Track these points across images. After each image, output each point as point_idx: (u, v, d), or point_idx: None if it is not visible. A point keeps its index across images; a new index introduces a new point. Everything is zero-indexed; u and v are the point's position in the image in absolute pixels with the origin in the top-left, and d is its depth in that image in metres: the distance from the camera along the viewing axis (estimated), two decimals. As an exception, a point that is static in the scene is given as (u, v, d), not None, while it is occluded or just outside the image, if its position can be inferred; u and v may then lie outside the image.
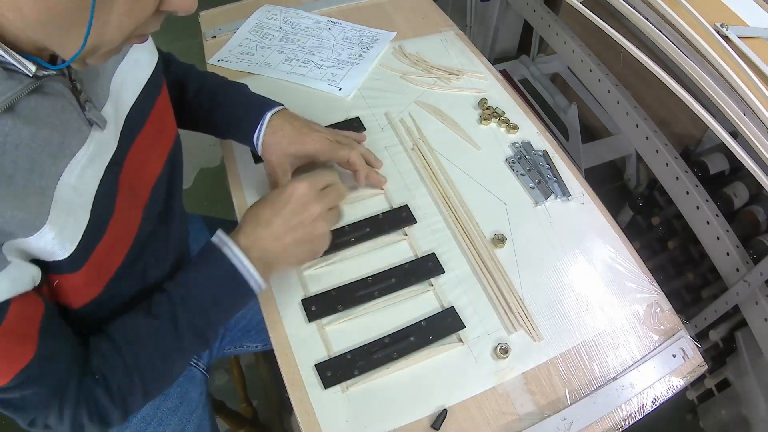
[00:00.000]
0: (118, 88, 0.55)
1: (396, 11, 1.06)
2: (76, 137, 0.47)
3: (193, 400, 0.78)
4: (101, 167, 0.50)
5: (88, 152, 0.48)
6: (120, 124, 0.54)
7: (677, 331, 0.66)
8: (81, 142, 0.48)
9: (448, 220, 0.74)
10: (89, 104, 0.49)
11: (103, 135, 0.50)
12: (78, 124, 0.47)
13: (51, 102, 0.44)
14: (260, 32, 1.00)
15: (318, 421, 0.57)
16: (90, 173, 0.48)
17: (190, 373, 0.80)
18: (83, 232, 0.47)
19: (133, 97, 0.57)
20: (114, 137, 0.53)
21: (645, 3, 0.99)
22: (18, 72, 0.41)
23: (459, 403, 0.59)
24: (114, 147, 0.52)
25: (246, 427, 1.19)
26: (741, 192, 1.14)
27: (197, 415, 0.77)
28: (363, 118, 0.86)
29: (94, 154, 0.49)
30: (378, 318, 0.65)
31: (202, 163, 1.90)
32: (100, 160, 0.50)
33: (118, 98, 0.54)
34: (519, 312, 0.65)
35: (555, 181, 0.79)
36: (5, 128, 0.40)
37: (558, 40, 1.31)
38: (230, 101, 0.73)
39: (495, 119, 0.86)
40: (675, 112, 1.45)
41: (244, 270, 0.56)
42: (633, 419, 0.60)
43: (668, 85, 0.89)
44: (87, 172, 0.48)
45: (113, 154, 0.52)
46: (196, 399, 0.78)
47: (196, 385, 0.79)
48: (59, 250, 0.45)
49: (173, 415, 0.75)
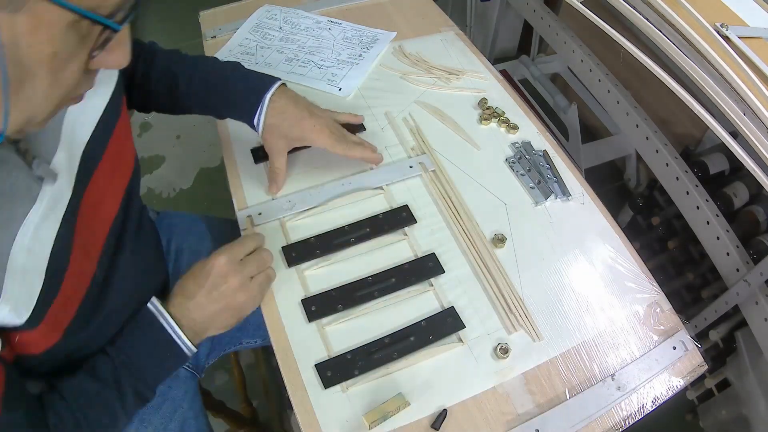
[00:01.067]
0: (71, 129, 0.53)
1: (396, 11, 1.06)
2: (25, 198, 0.46)
3: (176, 399, 0.78)
4: (56, 222, 0.50)
5: (40, 210, 0.47)
6: (75, 166, 0.53)
7: (677, 331, 0.66)
8: (32, 201, 0.47)
9: (448, 220, 0.74)
10: (37, 160, 0.48)
11: (54, 188, 0.49)
12: (27, 184, 0.47)
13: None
14: (260, 32, 1.00)
15: (318, 421, 0.57)
16: (44, 231, 0.48)
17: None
18: (37, 296, 0.47)
19: (89, 132, 0.56)
20: (68, 184, 0.52)
21: (645, 3, 0.99)
22: None
23: (459, 403, 0.59)
24: (69, 195, 0.52)
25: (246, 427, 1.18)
26: (741, 192, 1.14)
27: (181, 413, 0.77)
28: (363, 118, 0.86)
29: (48, 210, 0.48)
30: (378, 318, 0.65)
31: (202, 163, 1.90)
32: (54, 215, 0.49)
33: (71, 140, 0.53)
34: (519, 312, 0.65)
35: (555, 181, 0.79)
36: None
37: (558, 40, 1.31)
38: (226, 83, 0.72)
39: (495, 119, 0.86)
40: (675, 112, 1.45)
41: (177, 338, 0.59)
42: (633, 419, 0.60)
43: (668, 85, 0.89)
44: (41, 230, 0.47)
45: (68, 203, 0.51)
46: (180, 397, 0.79)
47: (180, 383, 0.80)
48: (15, 319, 0.46)
49: (155, 413, 0.75)
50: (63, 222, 0.50)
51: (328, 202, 0.74)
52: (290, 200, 0.75)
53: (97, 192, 0.57)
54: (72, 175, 0.53)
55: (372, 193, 0.76)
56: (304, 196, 0.75)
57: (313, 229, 0.72)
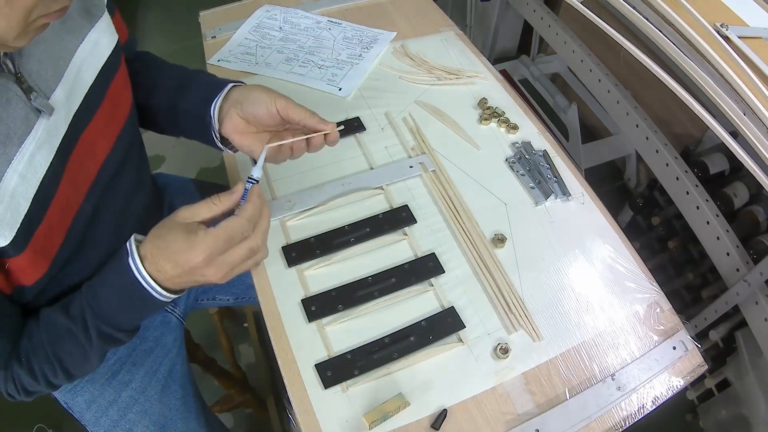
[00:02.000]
0: (77, 68, 0.57)
1: (396, 11, 1.06)
2: (22, 126, 0.49)
3: (167, 344, 0.82)
4: (50, 152, 0.52)
5: (35, 139, 0.50)
6: (74, 106, 0.56)
7: (677, 331, 0.66)
8: (28, 130, 0.50)
9: (448, 220, 0.74)
10: (35, 93, 0.50)
11: (50, 122, 0.52)
12: (25, 113, 0.49)
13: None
14: (260, 32, 1.00)
15: (318, 421, 0.57)
16: (39, 159, 0.51)
17: (165, 319, 0.84)
18: (21, 219, 0.50)
19: (91, 78, 0.59)
20: (65, 120, 0.55)
21: (645, 3, 0.99)
22: None
23: (459, 403, 0.59)
24: (64, 130, 0.54)
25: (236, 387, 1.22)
26: (741, 192, 1.14)
27: (170, 359, 0.81)
28: (363, 118, 0.86)
29: (43, 141, 0.51)
30: (378, 318, 0.65)
31: (203, 163, 1.90)
32: (48, 146, 0.52)
33: (75, 81, 0.56)
34: (519, 312, 0.65)
35: (555, 181, 0.79)
36: None
37: (558, 40, 1.31)
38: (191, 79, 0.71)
39: (495, 119, 0.86)
40: (675, 112, 1.45)
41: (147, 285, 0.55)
42: (633, 419, 0.60)
43: (668, 85, 0.89)
44: (36, 158, 0.50)
45: (63, 136, 0.54)
46: (171, 343, 0.82)
47: (171, 330, 0.83)
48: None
49: (147, 356, 0.79)
50: (57, 154, 0.53)
51: (328, 202, 0.74)
52: (290, 200, 0.75)
53: (93, 132, 0.59)
54: (70, 112, 0.56)
55: (372, 193, 0.76)
56: (304, 196, 0.75)
57: (313, 229, 0.72)
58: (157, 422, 0.77)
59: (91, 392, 0.76)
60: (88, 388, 0.76)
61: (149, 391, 0.78)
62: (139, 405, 0.77)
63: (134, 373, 0.77)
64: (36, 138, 0.50)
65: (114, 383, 0.76)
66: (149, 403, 0.77)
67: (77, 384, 0.76)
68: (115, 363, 0.77)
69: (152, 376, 0.78)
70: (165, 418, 0.78)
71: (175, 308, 0.87)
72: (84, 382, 0.76)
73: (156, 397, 0.78)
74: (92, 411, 0.76)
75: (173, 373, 0.81)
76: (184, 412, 0.80)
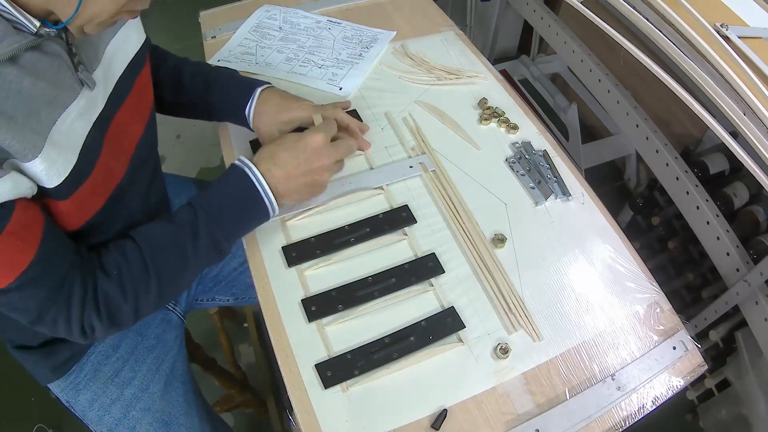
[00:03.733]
0: (110, 57, 0.62)
1: (396, 11, 1.06)
2: (69, 93, 0.54)
3: (168, 341, 0.83)
4: (89, 122, 0.57)
5: (78, 107, 0.55)
6: (109, 89, 0.62)
7: (677, 331, 0.66)
8: (73, 97, 0.54)
9: (448, 220, 0.74)
10: (82, 66, 0.56)
11: (92, 94, 0.58)
12: (71, 82, 0.54)
13: (49, 59, 0.51)
14: (260, 32, 1.00)
15: (318, 421, 0.57)
16: (79, 125, 0.55)
17: (167, 317, 0.85)
18: (70, 169, 0.54)
19: (121, 68, 0.64)
20: (102, 98, 0.60)
21: (645, 3, 0.99)
22: (23, 29, 0.48)
23: (459, 403, 0.59)
24: (101, 106, 0.60)
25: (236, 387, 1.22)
26: (741, 192, 1.14)
27: (172, 356, 0.82)
28: (363, 118, 0.86)
29: (84, 110, 0.56)
30: (378, 318, 0.65)
31: (202, 163, 1.90)
32: (88, 116, 0.57)
33: (109, 66, 0.62)
34: (519, 312, 0.65)
35: (555, 181, 0.79)
36: (10, 76, 0.47)
37: (558, 40, 1.31)
38: (223, 82, 0.80)
39: (495, 119, 0.86)
40: (675, 112, 1.45)
41: (262, 190, 0.64)
42: (633, 419, 0.60)
43: (668, 85, 0.89)
44: (76, 123, 0.55)
45: (100, 112, 0.59)
46: (172, 341, 0.84)
47: (172, 327, 0.85)
48: (47, 180, 0.52)
49: (150, 353, 0.80)
50: (94, 125, 0.58)
51: (328, 202, 0.74)
52: (290, 200, 0.75)
53: (126, 116, 0.65)
54: (106, 93, 0.61)
55: (372, 193, 0.76)
56: (304, 196, 0.75)
57: (313, 229, 0.72)
58: (161, 419, 0.77)
59: (94, 391, 0.76)
60: (91, 386, 0.76)
61: (152, 388, 0.78)
62: (142, 402, 0.77)
63: (137, 371, 0.78)
64: (78, 106, 0.55)
65: (116, 381, 0.77)
66: (152, 401, 0.78)
67: (79, 382, 0.76)
68: (117, 361, 0.77)
69: (155, 373, 0.79)
70: (168, 415, 0.78)
71: (176, 306, 0.87)
72: (86, 381, 0.76)
73: (159, 395, 0.78)
74: (95, 409, 0.76)
75: (175, 370, 0.82)
76: (187, 408, 0.81)
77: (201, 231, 0.61)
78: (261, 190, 0.64)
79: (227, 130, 0.85)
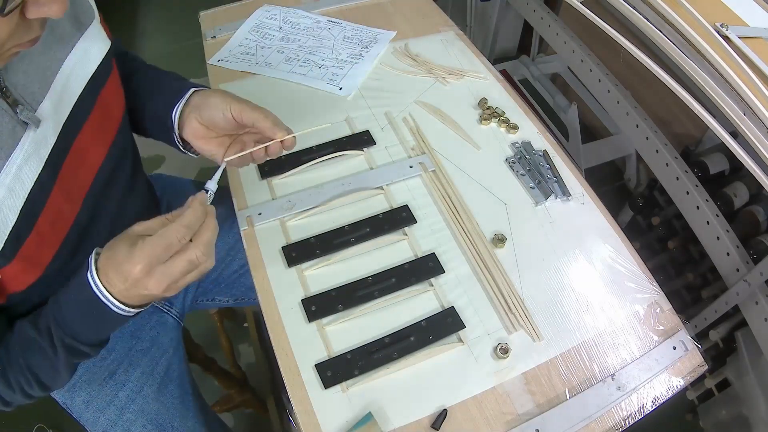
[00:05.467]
0: (65, 79, 0.57)
1: (396, 11, 1.06)
2: (9, 139, 0.49)
3: (163, 344, 0.82)
4: (39, 164, 0.52)
5: (23, 152, 0.50)
6: (63, 116, 0.56)
7: (677, 331, 0.66)
8: (15, 143, 0.50)
9: (448, 220, 0.74)
10: (21, 107, 0.50)
11: (38, 134, 0.52)
12: (11, 126, 0.49)
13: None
14: (260, 32, 1.00)
15: (318, 421, 0.57)
16: (26, 171, 0.51)
17: (161, 319, 0.84)
18: (9, 231, 0.50)
19: (80, 88, 0.59)
20: (54, 131, 0.55)
21: (645, 3, 0.99)
22: None
23: (459, 403, 0.59)
24: (53, 141, 0.54)
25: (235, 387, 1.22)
26: (741, 192, 1.14)
27: (167, 358, 0.82)
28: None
29: (30, 153, 0.51)
30: (378, 318, 0.65)
31: (202, 163, 1.90)
32: (36, 158, 0.52)
33: (63, 90, 0.56)
34: (519, 312, 0.65)
35: (555, 181, 0.79)
36: None
37: (558, 40, 1.31)
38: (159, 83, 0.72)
39: (495, 119, 0.86)
40: (675, 112, 1.45)
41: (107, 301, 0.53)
42: (633, 419, 0.60)
43: (668, 85, 0.89)
44: (23, 170, 0.51)
45: (51, 148, 0.54)
46: (167, 343, 0.83)
47: (167, 330, 0.84)
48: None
49: (144, 356, 0.79)
50: (45, 165, 0.53)
51: (328, 202, 0.74)
52: (290, 200, 0.75)
53: (85, 141, 0.59)
54: (59, 123, 0.56)
55: (372, 193, 0.76)
56: (304, 196, 0.75)
57: (313, 229, 0.72)
58: (155, 421, 0.77)
59: (89, 392, 0.76)
60: (86, 388, 0.76)
61: (146, 390, 0.78)
62: (137, 404, 0.77)
63: (131, 373, 0.78)
64: (23, 150, 0.50)
65: (111, 383, 0.77)
66: (146, 403, 0.77)
67: (75, 384, 0.76)
68: (112, 363, 0.77)
69: (149, 375, 0.79)
70: (163, 417, 0.78)
71: (171, 308, 0.87)
72: (81, 382, 0.76)
73: (153, 397, 0.78)
74: (90, 411, 0.76)
75: (170, 372, 0.81)
76: (183, 411, 0.81)
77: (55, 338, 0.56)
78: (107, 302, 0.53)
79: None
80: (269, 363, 1.34)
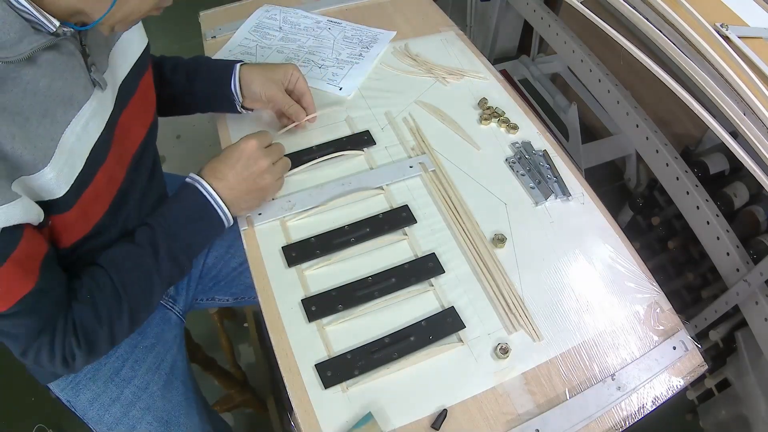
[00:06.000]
0: (115, 60, 0.64)
1: (396, 11, 1.06)
2: (82, 93, 0.55)
3: (168, 341, 0.83)
4: (102, 123, 0.59)
5: (91, 107, 0.56)
6: (115, 91, 0.63)
7: (677, 331, 0.66)
8: (86, 97, 0.56)
9: (448, 220, 0.74)
10: (94, 67, 0.57)
11: (103, 95, 0.59)
12: (84, 82, 0.56)
13: (65, 59, 0.52)
14: (260, 32, 1.00)
15: (318, 421, 0.57)
16: (92, 126, 0.57)
17: (165, 316, 0.85)
18: (76, 176, 0.55)
19: (125, 72, 0.66)
20: (111, 100, 0.61)
21: (645, 3, 0.99)
22: (41, 29, 0.48)
23: (459, 403, 0.59)
24: (111, 108, 0.61)
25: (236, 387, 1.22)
26: (741, 192, 1.14)
27: (172, 355, 0.83)
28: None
29: (96, 111, 0.57)
30: (378, 318, 0.65)
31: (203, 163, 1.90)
32: (100, 117, 0.58)
33: (114, 69, 0.63)
34: (519, 312, 0.65)
35: (555, 181, 0.79)
36: (27, 77, 0.48)
37: (558, 40, 1.31)
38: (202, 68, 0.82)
39: (495, 119, 0.86)
40: (675, 112, 1.45)
41: (214, 202, 0.66)
42: (633, 419, 0.60)
43: (668, 85, 0.89)
44: (90, 124, 0.56)
45: (110, 113, 0.61)
46: (171, 340, 0.84)
47: (171, 327, 0.85)
48: (56, 189, 0.53)
49: (149, 353, 0.81)
50: (106, 126, 0.60)
51: (328, 202, 0.74)
52: (290, 200, 0.75)
53: (129, 117, 0.66)
54: (114, 94, 0.63)
55: (372, 193, 0.76)
56: (304, 196, 0.75)
57: (313, 229, 0.72)
58: (161, 418, 0.78)
59: (94, 390, 0.76)
60: (91, 386, 0.76)
61: (152, 387, 0.78)
62: (142, 401, 0.77)
63: (136, 370, 0.78)
64: (92, 107, 0.56)
65: (116, 380, 0.77)
66: (152, 400, 0.78)
67: (79, 381, 0.76)
68: (117, 360, 0.78)
69: (154, 372, 0.79)
70: (168, 414, 0.79)
71: (174, 305, 0.87)
72: (86, 380, 0.76)
73: (159, 394, 0.78)
74: (95, 409, 0.76)
75: (175, 369, 0.82)
76: (187, 407, 0.81)
77: (161, 248, 0.63)
78: (213, 202, 0.66)
79: (227, 130, 0.85)
80: (269, 363, 1.34)
